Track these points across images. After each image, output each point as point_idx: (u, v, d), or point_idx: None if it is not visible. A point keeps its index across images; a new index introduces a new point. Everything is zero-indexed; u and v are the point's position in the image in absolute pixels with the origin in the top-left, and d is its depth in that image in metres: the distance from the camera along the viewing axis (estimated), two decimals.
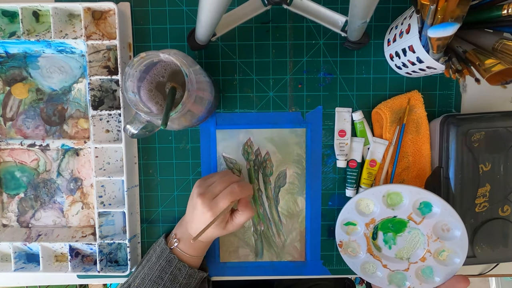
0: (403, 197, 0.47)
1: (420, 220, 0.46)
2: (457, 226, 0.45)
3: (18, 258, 0.53)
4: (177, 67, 0.38)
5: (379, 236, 0.49)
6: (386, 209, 0.47)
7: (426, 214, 0.46)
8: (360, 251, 0.49)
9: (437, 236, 0.46)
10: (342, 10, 0.48)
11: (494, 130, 0.46)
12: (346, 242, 0.49)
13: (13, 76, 0.52)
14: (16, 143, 0.51)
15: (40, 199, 0.54)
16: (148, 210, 0.53)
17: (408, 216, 0.46)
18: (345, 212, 0.48)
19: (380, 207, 0.47)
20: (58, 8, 0.47)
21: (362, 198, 0.48)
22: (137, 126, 0.39)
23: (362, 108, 0.51)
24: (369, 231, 0.48)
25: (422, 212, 0.46)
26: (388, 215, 0.47)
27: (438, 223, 0.46)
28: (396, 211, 0.47)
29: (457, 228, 0.45)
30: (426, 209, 0.46)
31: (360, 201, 0.48)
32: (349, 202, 0.48)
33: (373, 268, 0.49)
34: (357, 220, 0.48)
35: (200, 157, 0.53)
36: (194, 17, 0.51)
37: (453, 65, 0.36)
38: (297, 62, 0.51)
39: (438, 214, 0.45)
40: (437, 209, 0.45)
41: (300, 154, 0.52)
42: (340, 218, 0.49)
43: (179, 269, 0.46)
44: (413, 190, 0.45)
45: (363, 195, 0.47)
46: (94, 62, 0.49)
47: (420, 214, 0.46)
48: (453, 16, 0.31)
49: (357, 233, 0.49)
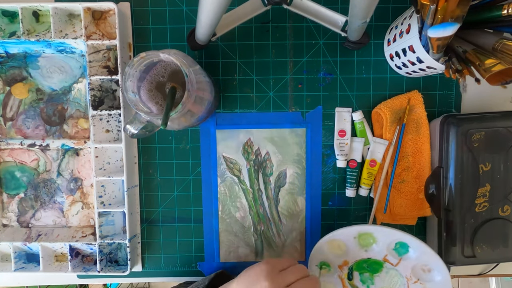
0: (376, 239, 0.44)
1: (396, 262, 0.43)
2: (438, 267, 0.42)
3: (18, 258, 0.53)
4: (177, 67, 0.38)
5: (355, 276, 0.47)
6: (358, 250, 0.44)
7: (403, 255, 0.43)
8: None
9: (417, 278, 0.43)
10: (342, 10, 0.48)
11: (494, 130, 0.46)
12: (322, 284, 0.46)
13: (13, 76, 0.52)
14: (16, 143, 0.51)
15: (40, 199, 0.54)
16: (148, 210, 0.53)
17: (383, 258, 0.44)
18: (316, 253, 0.45)
19: (352, 248, 0.44)
20: (58, 8, 0.47)
21: (333, 239, 0.45)
22: (137, 126, 0.39)
23: (362, 108, 0.51)
24: (343, 273, 0.46)
25: (399, 253, 0.44)
26: (361, 256, 0.44)
27: (417, 264, 0.43)
28: (370, 252, 0.44)
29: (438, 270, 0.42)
30: (402, 249, 0.43)
31: (331, 242, 0.45)
32: (320, 241, 0.45)
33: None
34: (329, 261, 0.45)
35: (200, 157, 0.53)
36: (194, 17, 0.51)
37: (453, 65, 0.36)
38: (297, 62, 0.51)
39: (416, 255, 0.42)
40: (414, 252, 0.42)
41: (300, 154, 0.52)
42: (311, 257, 0.46)
43: None
44: (386, 231, 0.42)
45: (333, 235, 0.44)
46: (94, 62, 0.49)
47: (396, 256, 0.44)
48: (453, 16, 0.31)
49: (331, 275, 0.46)
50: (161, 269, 0.54)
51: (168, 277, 0.55)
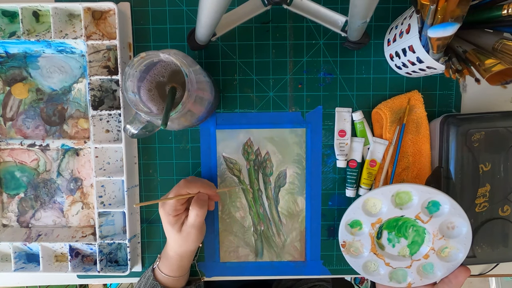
0: (413, 196, 0.46)
1: (427, 219, 0.46)
2: (464, 224, 0.45)
3: (18, 258, 0.53)
4: (177, 67, 0.38)
5: (383, 235, 0.49)
6: (394, 208, 0.46)
7: (434, 213, 0.46)
8: (363, 250, 0.49)
9: (442, 234, 0.46)
10: (342, 10, 0.48)
11: (494, 130, 0.46)
12: (350, 242, 0.48)
13: (13, 76, 0.52)
14: (16, 143, 0.51)
15: (40, 199, 0.54)
16: (148, 210, 0.53)
17: (416, 215, 0.46)
18: (351, 212, 0.47)
19: (388, 206, 0.46)
20: (58, 8, 0.47)
21: (369, 197, 0.47)
22: (137, 126, 0.39)
23: (362, 108, 0.51)
24: (374, 230, 0.47)
25: (430, 211, 0.46)
26: (395, 214, 0.46)
27: (445, 221, 0.46)
28: (404, 210, 0.46)
29: (463, 226, 0.45)
30: (434, 208, 0.46)
31: (368, 201, 0.48)
32: (356, 201, 0.47)
33: (375, 266, 0.49)
34: (363, 220, 0.48)
35: (200, 157, 0.53)
36: (194, 17, 0.51)
37: (453, 65, 0.36)
38: (297, 62, 0.51)
39: (446, 213, 0.45)
40: (446, 208, 0.45)
41: (300, 154, 0.52)
42: (345, 218, 0.48)
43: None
44: (424, 189, 0.45)
45: (371, 194, 0.46)
46: (94, 62, 0.49)
47: (427, 213, 0.46)
48: (453, 16, 0.31)
49: (362, 233, 0.48)
50: None
51: None
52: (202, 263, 0.54)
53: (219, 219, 0.53)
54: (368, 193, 0.47)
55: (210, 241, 0.54)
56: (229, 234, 0.53)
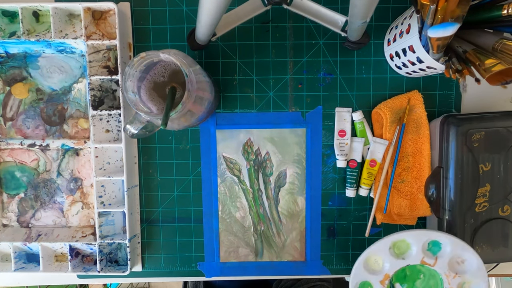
0: (410, 244, 0.45)
1: (434, 262, 0.44)
2: (470, 257, 0.43)
3: (18, 258, 0.53)
4: (177, 67, 0.38)
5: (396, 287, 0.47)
6: (396, 260, 0.45)
7: (437, 253, 0.45)
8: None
9: (455, 272, 0.44)
10: (342, 10, 0.48)
11: (494, 130, 0.46)
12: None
13: (13, 76, 0.52)
14: (16, 143, 0.51)
15: (40, 199, 0.54)
16: (148, 210, 0.53)
17: (420, 261, 0.44)
18: (356, 275, 0.45)
19: (389, 260, 0.45)
20: (58, 8, 0.47)
21: (369, 255, 0.45)
22: (137, 126, 0.39)
23: (362, 108, 0.51)
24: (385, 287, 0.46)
25: (433, 252, 0.45)
26: (400, 265, 0.45)
27: (452, 258, 0.44)
28: (407, 259, 0.45)
29: (471, 259, 0.43)
30: (435, 248, 0.45)
31: (368, 259, 0.46)
32: (357, 262, 0.45)
33: None
34: (370, 280, 0.46)
35: (200, 157, 0.53)
36: (194, 17, 0.51)
37: (453, 65, 0.36)
38: (297, 62, 0.51)
39: (449, 251, 0.44)
40: (447, 246, 0.44)
41: (300, 154, 0.52)
42: (352, 282, 0.46)
43: None
44: (417, 233, 0.44)
45: (368, 252, 0.45)
46: (94, 62, 0.49)
47: (431, 256, 0.45)
48: (453, 16, 0.31)
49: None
50: (161, 269, 0.54)
51: (168, 277, 0.55)
52: (202, 263, 0.54)
53: (219, 219, 0.53)
54: (365, 251, 0.45)
55: (210, 241, 0.54)
56: (229, 234, 0.53)
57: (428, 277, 0.46)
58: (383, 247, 0.45)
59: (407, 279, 0.46)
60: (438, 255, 0.45)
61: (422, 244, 0.44)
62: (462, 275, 0.44)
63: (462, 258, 0.44)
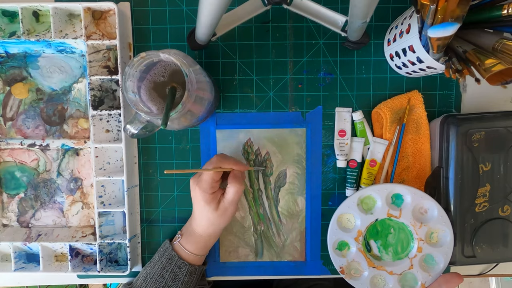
0: (375, 198, 0.47)
1: (399, 214, 0.47)
2: (431, 206, 0.46)
3: (18, 258, 0.53)
4: (177, 67, 0.38)
5: (372, 246, 0.49)
6: (365, 216, 0.47)
7: (401, 205, 0.47)
8: (362, 269, 0.48)
9: (420, 222, 0.46)
10: (342, 10, 0.48)
11: (494, 130, 0.46)
12: (346, 265, 0.48)
13: (13, 76, 0.52)
14: (16, 143, 0.51)
15: (40, 199, 0.54)
16: (148, 210, 0.53)
17: (387, 213, 0.47)
18: (332, 235, 0.48)
19: (360, 216, 0.47)
20: (58, 8, 0.47)
21: (340, 214, 0.48)
22: (137, 126, 0.39)
23: (362, 108, 0.51)
24: (360, 245, 0.48)
25: (397, 204, 0.47)
26: (370, 220, 0.47)
27: (415, 208, 0.47)
28: (375, 214, 0.47)
29: (432, 208, 0.46)
30: (398, 200, 0.47)
31: (341, 218, 0.48)
32: (331, 223, 0.48)
33: (382, 280, 0.48)
34: (346, 239, 0.48)
35: (200, 157, 0.53)
36: (194, 17, 0.51)
37: (453, 65, 0.36)
38: (297, 62, 0.51)
39: (410, 201, 0.46)
40: (408, 197, 0.46)
41: (300, 154, 0.52)
42: (330, 243, 0.48)
43: (179, 267, 0.46)
44: (380, 187, 0.46)
45: (339, 212, 0.47)
46: (94, 62, 0.49)
47: (396, 208, 0.47)
48: (453, 16, 0.31)
49: (352, 252, 0.48)
50: None
51: None
52: None
53: None
54: (337, 210, 0.48)
55: None
56: (229, 234, 0.53)
57: (398, 231, 0.48)
58: (352, 204, 0.47)
59: (379, 235, 0.49)
60: (402, 207, 0.47)
61: (385, 198, 0.46)
62: (427, 223, 0.46)
63: (425, 207, 0.47)
